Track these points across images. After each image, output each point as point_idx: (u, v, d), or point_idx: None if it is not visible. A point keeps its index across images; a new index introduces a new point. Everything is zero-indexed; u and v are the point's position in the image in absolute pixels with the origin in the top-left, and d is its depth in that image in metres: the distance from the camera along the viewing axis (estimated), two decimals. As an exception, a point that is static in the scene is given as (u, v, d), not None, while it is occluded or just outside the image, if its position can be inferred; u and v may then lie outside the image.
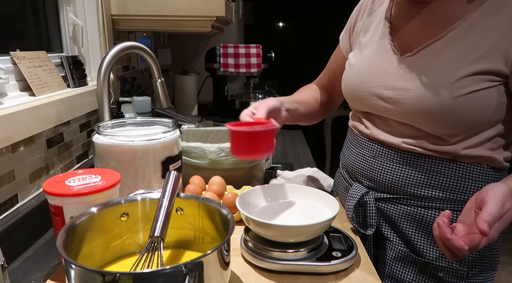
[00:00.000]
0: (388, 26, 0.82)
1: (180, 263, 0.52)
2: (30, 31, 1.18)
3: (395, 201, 0.82)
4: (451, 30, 0.72)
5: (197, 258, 0.50)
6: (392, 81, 0.77)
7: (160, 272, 0.48)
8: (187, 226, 0.68)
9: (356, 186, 0.86)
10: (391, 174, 0.80)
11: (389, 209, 0.83)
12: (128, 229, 0.67)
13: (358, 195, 0.83)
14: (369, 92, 0.81)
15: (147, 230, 0.61)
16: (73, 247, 0.57)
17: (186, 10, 1.36)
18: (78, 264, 0.49)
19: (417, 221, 0.80)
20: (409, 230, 0.81)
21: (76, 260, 0.55)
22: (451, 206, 0.77)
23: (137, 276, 0.48)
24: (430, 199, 0.78)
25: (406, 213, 0.81)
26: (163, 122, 0.97)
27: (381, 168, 0.82)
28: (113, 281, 0.46)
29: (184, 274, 0.48)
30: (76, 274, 0.49)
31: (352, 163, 0.89)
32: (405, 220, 0.81)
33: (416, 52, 0.76)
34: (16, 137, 0.82)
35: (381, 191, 0.83)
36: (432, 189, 0.78)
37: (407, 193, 0.79)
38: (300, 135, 1.99)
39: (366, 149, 0.85)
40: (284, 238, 0.70)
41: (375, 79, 0.80)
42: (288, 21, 4.93)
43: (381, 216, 0.84)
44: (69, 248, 0.55)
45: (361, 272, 0.70)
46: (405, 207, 0.81)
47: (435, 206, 0.78)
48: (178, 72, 2.30)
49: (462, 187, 0.76)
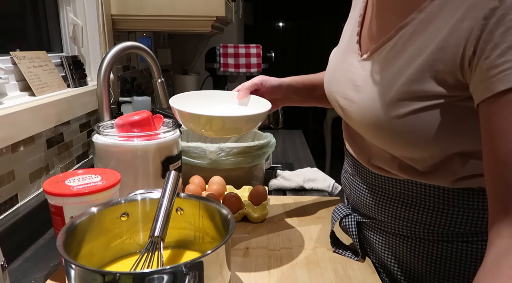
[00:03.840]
0: (361, 13, 0.69)
1: (180, 263, 0.52)
2: (30, 31, 1.18)
3: (376, 226, 0.71)
4: (401, 28, 0.57)
5: (197, 258, 0.50)
6: (347, 89, 0.66)
7: (160, 272, 0.48)
8: (187, 226, 0.67)
9: (339, 207, 0.78)
10: (364, 195, 0.71)
11: (372, 234, 0.72)
12: (128, 229, 0.66)
13: (339, 217, 0.75)
14: (333, 98, 0.72)
15: (147, 230, 0.61)
16: (73, 247, 0.57)
17: (186, 10, 1.36)
18: (78, 264, 0.49)
19: (405, 243, 0.68)
20: (400, 254, 0.69)
21: (76, 260, 0.55)
22: (429, 236, 0.65)
23: (137, 276, 0.48)
24: (407, 224, 0.66)
25: (391, 237, 0.70)
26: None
27: (357, 187, 0.73)
28: (113, 281, 0.46)
29: (184, 274, 0.48)
30: (76, 274, 0.49)
31: (342, 178, 0.82)
32: (392, 244, 0.70)
33: (371, 53, 0.62)
34: (16, 137, 0.82)
35: (361, 214, 0.74)
36: (402, 215, 0.66)
37: (384, 216, 0.69)
38: (300, 135, 1.99)
39: (348, 165, 0.77)
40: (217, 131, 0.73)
41: (338, 84, 0.69)
42: (288, 21, 4.94)
43: (367, 240, 0.75)
44: (69, 248, 0.55)
45: (361, 272, 0.70)
46: (388, 230, 0.69)
47: (414, 234, 0.66)
48: (178, 72, 2.30)
49: (433, 213, 0.64)
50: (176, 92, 2.20)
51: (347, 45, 0.71)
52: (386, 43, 0.60)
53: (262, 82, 0.84)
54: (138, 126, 0.88)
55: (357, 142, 0.72)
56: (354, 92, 0.64)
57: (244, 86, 0.82)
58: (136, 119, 0.88)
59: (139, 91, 1.48)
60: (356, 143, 0.72)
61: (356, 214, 0.74)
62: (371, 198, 0.70)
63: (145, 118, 0.89)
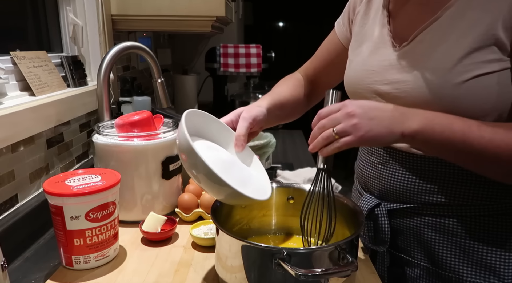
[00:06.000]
0: (386, 14, 0.75)
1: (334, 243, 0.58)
2: (30, 31, 1.18)
3: (411, 212, 0.73)
4: (447, 8, 0.65)
5: (347, 237, 0.58)
6: (389, 75, 0.71)
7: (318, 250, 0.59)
8: (297, 213, 0.71)
9: (366, 197, 0.78)
10: (401, 182, 0.73)
11: (405, 222, 0.74)
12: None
13: (368, 207, 0.76)
14: (367, 89, 0.75)
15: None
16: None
17: (186, 10, 1.36)
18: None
19: (439, 231, 0.71)
20: (431, 243, 0.72)
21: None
22: (474, 212, 0.69)
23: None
24: (448, 206, 0.70)
25: (424, 224, 0.72)
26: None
27: (390, 176, 0.74)
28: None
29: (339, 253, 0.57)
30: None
31: (362, 171, 0.82)
32: (424, 232, 0.73)
33: (412, 39, 0.69)
34: (16, 137, 0.82)
35: (393, 201, 0.75)
36: (448, 196, 0.69)
37: (422, 202, 0.72)
38: (300, 135, 2.00)
39: (374, 156, 0.78)
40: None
41: (373, 75, 0.74)
42: (288, 21, 4.93)
43: (396, 230, 0.76)
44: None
45: (361, 272, 0.70)
46: (423, 217, 0.72)
47: (456, 214, 0.70)
48: (178, 72, 2.30)
49: (482, 192, 0.68)
50: (176, 92, 2.21)
51: (375, 41, 0.76)
52: (431, 24, 0.67)
53: (252, 123, 0.74)
54: (138, 126, 0.88)
55: None
56: (401, 74, 0.69)
57: (240, 137, 0.72)
58: (136, 119, 0.88)
59: (139, 91, 1.48)
60: None
61: (387, 203, 0.75)
62: (415, 183, 0.72)
63: (145, 118, 0.89)
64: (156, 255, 0.76)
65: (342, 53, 0.88)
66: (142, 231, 0.81)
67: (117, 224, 0.75)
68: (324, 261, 0.57)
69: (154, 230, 0.81)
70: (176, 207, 0.91)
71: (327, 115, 0.62)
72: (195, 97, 2.20)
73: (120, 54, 1.10)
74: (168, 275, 0.70)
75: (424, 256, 0.74)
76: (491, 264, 0.68)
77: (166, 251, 0.78)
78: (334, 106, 0.63)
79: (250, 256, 0.58)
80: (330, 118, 0.61)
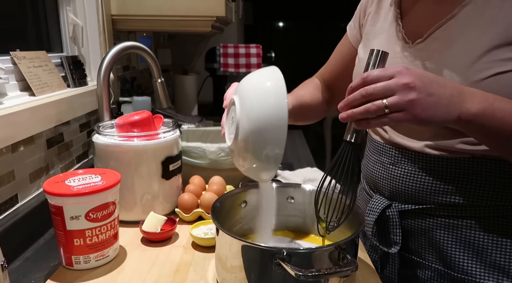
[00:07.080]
0: (398, 12, 0.74)
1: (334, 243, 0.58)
2: (30, 31, 1.18)
3: (423, 212, 0.72)
4: (464, 5, 0.64)
5: (348, 237, 0.59)
6: None
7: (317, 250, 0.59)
8: (297, 213, 0.77)
9: (376, 198, 0.77)
10: (414, 182, 0.71)
11: (417, 223, 0.73)
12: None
13: (379, 208, 0.74)
14: None
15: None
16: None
17: (186, 10, 1.36)
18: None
19: (452, 232, 0.69)
20: (444, 244, 0.70)
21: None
22: (490, 213, 0.67)
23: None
24: (464, 207, 0.68)
25: (437, 225, 0.71)
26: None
27: (402, 176, 0.72)
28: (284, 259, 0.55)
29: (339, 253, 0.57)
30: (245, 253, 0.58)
31: (371, 171, 0.80)
32: (436, 233, 0.71)
33: (427, 36, 0.67)
34: (16, 137, 0.82)
35: (405, 202, 0.73)
36: (465, 197, 0.67)
37: (436, 202, 0.70)
38: (300, 135, 1.99)
39: (385, 156, 0.76)
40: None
41: None
42: (288, 21, 4.93)
43: (407, 231, 0.74)
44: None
45: (361, 272, 0.70)
46: (436, 218, 0.70)
47: (472, 214, 0.68)
48: (178, 72, 2.30)
49: (501, 193, 0.66)
50: (176, 92, 2.20)
51: (387, 38, 0.75)
52: (447, 22, 0.65)
53: None
54: (138, 126, 0.88)
55: (405, 131, 0.72)
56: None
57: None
58: (136, 119, 0.88)
59: (139, 91, 1.48)
60: (405, 132, 0.72)
61: (398, 204, 0.74)
62: (429, 183, 0.69)
63: (145, 118, 0.89)
64: (156, 255, 0.76)
65: (355, 56, 0.86)
66: (142, 231, 0.81)
67: (117, 224, 0.75)
68: (324, 261, 0.57)
69: (154, 230, 0.81)
70: (176, 207, 0.91)
71: (376, 80, 0.53)
72: (195, 97, 2.20)
73: (120, 54, 1.10)
74: (168, 275, 0.70)
75: (436, 257, 0.72)
76: (505, 266, 0.67)
77: (166, 251, 0.78)
78: (386, 71, 0.54)
79: (250, 256, 0.58)
80: (382, 85, 0.52)
